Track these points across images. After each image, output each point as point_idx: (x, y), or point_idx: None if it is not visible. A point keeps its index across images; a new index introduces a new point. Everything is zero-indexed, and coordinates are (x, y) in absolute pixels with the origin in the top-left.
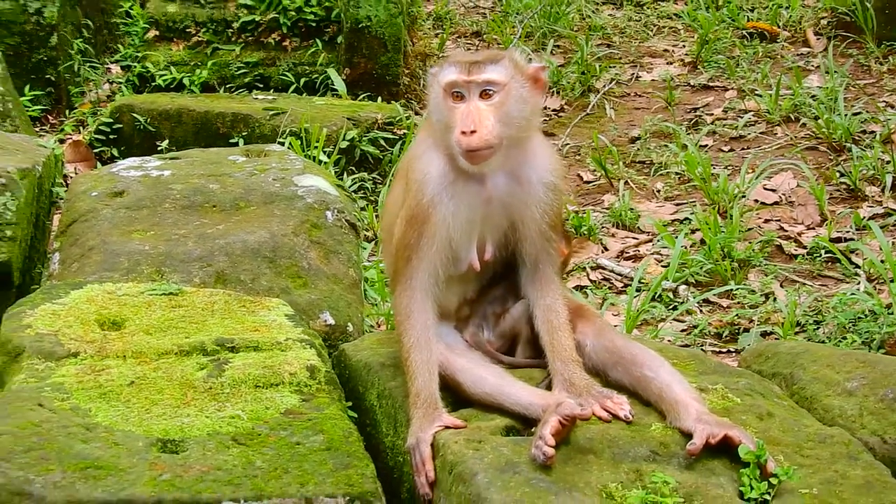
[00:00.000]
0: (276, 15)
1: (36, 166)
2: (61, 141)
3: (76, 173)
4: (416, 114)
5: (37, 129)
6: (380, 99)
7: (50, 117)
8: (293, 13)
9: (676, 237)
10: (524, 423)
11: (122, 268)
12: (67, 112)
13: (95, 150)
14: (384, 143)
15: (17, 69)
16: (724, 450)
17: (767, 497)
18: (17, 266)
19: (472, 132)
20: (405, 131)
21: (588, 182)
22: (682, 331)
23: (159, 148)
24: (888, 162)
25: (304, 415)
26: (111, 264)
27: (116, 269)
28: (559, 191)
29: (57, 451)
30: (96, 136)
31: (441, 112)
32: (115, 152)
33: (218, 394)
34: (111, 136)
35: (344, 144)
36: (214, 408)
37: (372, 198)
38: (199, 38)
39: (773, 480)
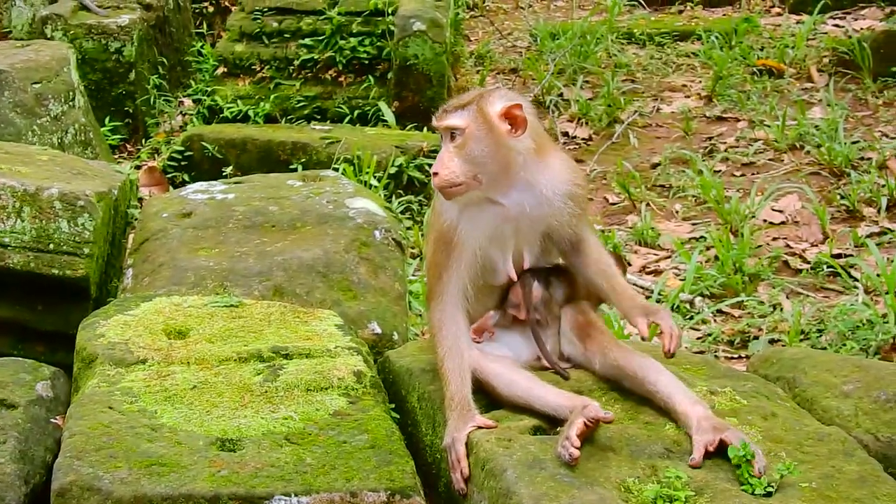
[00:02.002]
0: (333, 54)
1: (112, 190)
2: (138, 167)
3: (150, 196)
4: None
5: (115, 157)
6: (426, 129)
7: (128, 146)
8: (348, 52)
9: (692, 253)
10: (551, 423)
11: (189, 282)
12: (143, 141)
13: (168, 176)
14: (429, 169)
15: (99, 102)
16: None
17: (771, 490)
18: (94, 280)
19: (436, 173)
20: None
21: (613, 204)
22: (698, 338)
23: (224, 174)
24: (883, 185)
25: (350, 416)
26: (179, 279)
27: (183, 283)
28: (577, 196)
29: (124, 449)
30: (169, 162)
31: None
32: (187, 177)
33: (272, 397)
34: (182, 163)
35: (393, 170)
36: (269, 410)
37: (418, 218)
38: (263, 75)
39: (776, 475)
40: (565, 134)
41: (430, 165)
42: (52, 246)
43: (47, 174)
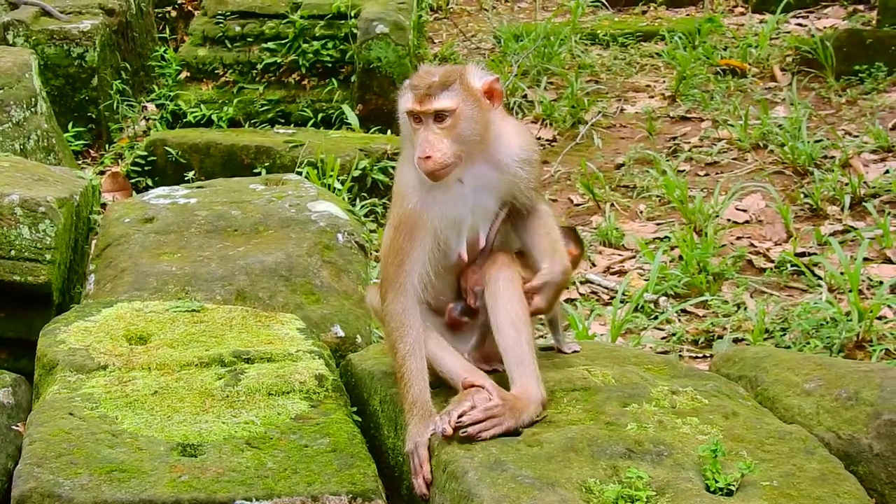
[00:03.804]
0: (296, 57)
1: (74, 196)
2: (101, 172)
3: (114, 201)
4: None
5: (79, 162)
6: (389, 132)
7: (91, 151)
8: (311, 56)
9: (656, 253)
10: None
11: (152, 287)
12: (107, 146)
13: (132, 181)
14: (393, 172)
15: (62, 108)
16: (692, 448)
17: (732, 488)
18: (57, 286)
19: (428, 157)
20: None
21: (578, 205)
22: (663, 338)
23: (187, 178)
24: (847, 184)
25: (312, 420)
26: (141, 284)
27: (146, 288)
28: (534, 161)
29: (85, 456)
30: (133, 167)
31: (407, 132)
32: (150, 182)
33: (234, 401)
34: (146, 168)
35: (356, 173)
36: (230, 414)
37: (382, 221)
38: (227, 79)
39: (737, 474)
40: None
41: (393, 168)
42: (13, 252)
43: (8, 180)
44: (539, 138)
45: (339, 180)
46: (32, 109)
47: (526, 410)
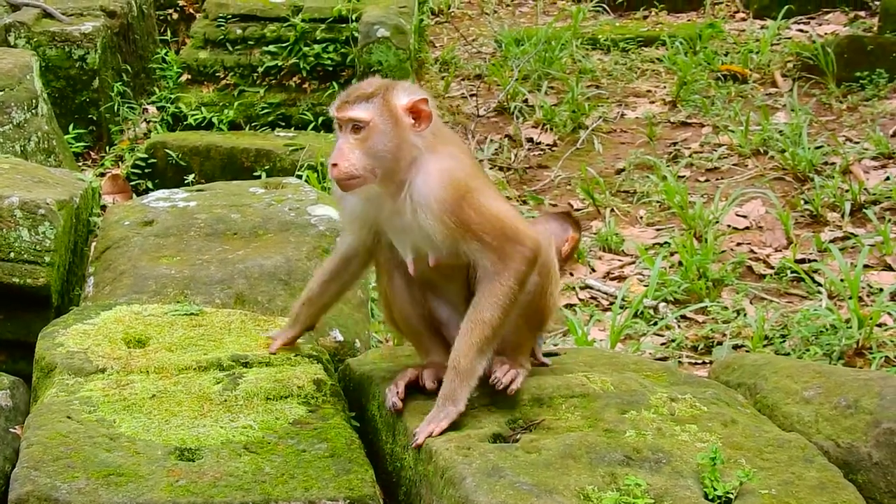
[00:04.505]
0: (297, 60)
1: (74, 198)
2: (102, 175)
3: (114, 204)
4: None
5: (79, 164)
6: None
7: (91, 153)
8: (312, 59)
9: (656, 259)
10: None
11: (150, 290)
12: (107, 148)
13: (132, 183)
14: None
15: (63, 110)
16: (691, 456)
17: (731, 497)
18: (56, 289)
19: (335, 165)
20: None
21: (578, 209)
22: (662, 344)
23: (187, 181)
24: (847, 190)
25: (310, 424)
26: (140, 287)
27: (145, 291)
28: (450, 203)
29: (82, 459)
30: (133, 170)
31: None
32: (150, 185)
33: (232, 406)
34: (146, 171)
35: None
36: (228, 419)
37: None
38: (228, 82)
39: (736, 482)
40: (530, 140)
41: None
42: (12, 254)
43: (8, 182)
44: (539, 143)
45: None
46: (33, 111)
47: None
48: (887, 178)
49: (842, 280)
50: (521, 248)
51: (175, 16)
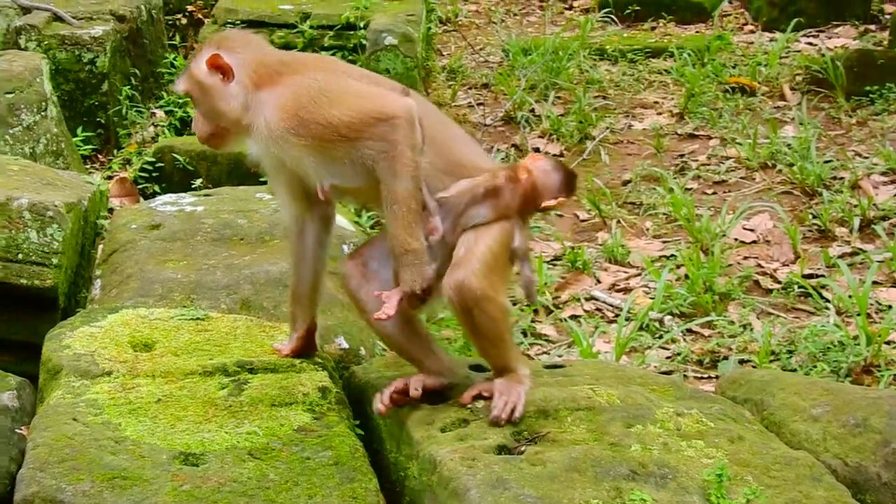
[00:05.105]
0: None
1: (82, 201)
2: (109, 178)
3: (121, 207)
4: None
5: (87, 167)
6: None
7: (99, 156)
8: None
9: (662, 272)
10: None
11: (157, 294)
12: (115, 151)
13: (140, 187)
14: None
15: (71, 112)
16: (697, 472)
17: None
18: (63, 291)
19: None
20: None
21: (583, 220)
22: (667, 358)
23: (194, 185)
24: (856, 205)
25: (314, 432)
26: (147, 291)
27: (151, 295)
28: (288, 125)
29: (88, 462)
30: (140, 173)
31: None
32: (158, 188)
33: (237, 411)
34: (154, 174)
35: None
36: (233, 424)
37: None
38: None
39: (742, 499)
40: (536, 149)
41: None
42: (20, 256)
43: (17, 184)
44: (546, 153)
45: None
46: (42, 114)
47: None
48: None
49: (850, 296)
50: (395, 121)
51: (184, 21)
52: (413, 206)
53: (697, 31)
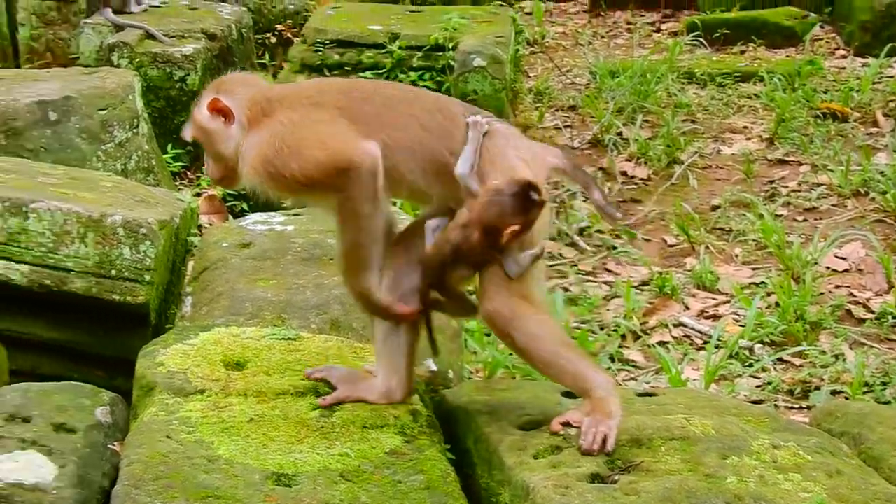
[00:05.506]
0: None
1: (174, 218)
2: (198, 195)
3: (210, 224)
4: None
5: (176, 184)
6: None
7: (189, 173)
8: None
9: (753, 299)
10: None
11: (247, 312)
12: (204, 169)
13: (228, 204)
14: None
15: (162, 129)
16: None
17: None
18: (154, 307)
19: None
20: None
21: (671, 245)
22: (758, 387)
23: (284, 204)
24: None
25: (406, 455)
26: (237, 309)
27: (241, 313)
28: (259, 172)
29: (182, 480)
30: (229, 191)
31: None
32: (245, 206)
33: (329, 433)
34: (242, 192)
35: None
36: (325, 446)
37: None
38: None
39: None
40: (624, 173)
41: None
42: (113, 272)
43: (111, 200)
44: (633, 176)
45: None
46: (134, 130)
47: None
48: None
49: None
50: (351, 172)
51: (273, 40)
52: (361, 255)
53: (788, 56)
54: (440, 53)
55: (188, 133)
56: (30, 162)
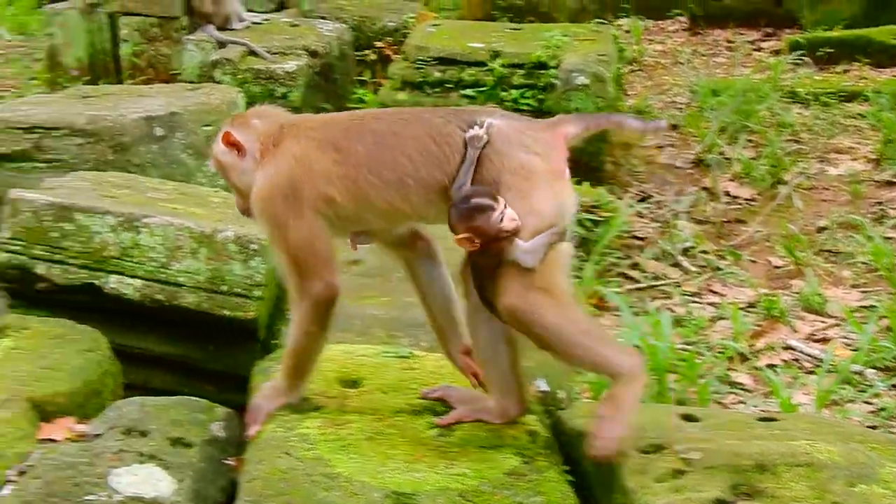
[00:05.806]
0: (495, 105)
1: None
2: None
3: None
4: (618, 198)
5: None
6: (587, 184)
7: None
8: (510, 104)
9: (865, 324)
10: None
11: (357, 329)
12: None
13: None
14: (590, 224)
15: None
16: None
17: None
18: (263, 323)
19: None
20: (609, 214)
21: (777, 267)
22: (870, 412)
23: None
24: None
25: (524, 476)
26: (346, 326)
27: (351, 330)
28: (259, 215)
29: (302, 497)
30: None
31: None
32: None
33: (447, 452)
34: None
35: None
36: (443, 465)
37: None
38: None
39: None
40: (727, 193)
41: (591, 221)
42: (224, 287)
43: (221, 216)
44: (736, 197)
45: None
46: None
47: None
48: None
49: None
50: (311, 294)
51: (373, 57)
52: (295, 362)
53: (894, 75)
54: (542, 71)
55: (211, 166)
56: (139, 177)
